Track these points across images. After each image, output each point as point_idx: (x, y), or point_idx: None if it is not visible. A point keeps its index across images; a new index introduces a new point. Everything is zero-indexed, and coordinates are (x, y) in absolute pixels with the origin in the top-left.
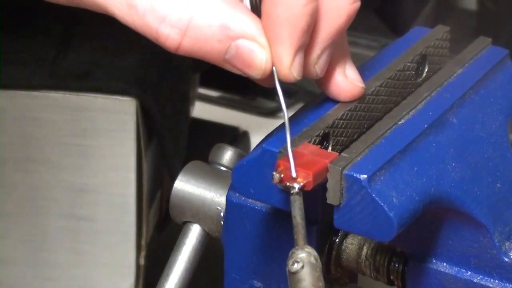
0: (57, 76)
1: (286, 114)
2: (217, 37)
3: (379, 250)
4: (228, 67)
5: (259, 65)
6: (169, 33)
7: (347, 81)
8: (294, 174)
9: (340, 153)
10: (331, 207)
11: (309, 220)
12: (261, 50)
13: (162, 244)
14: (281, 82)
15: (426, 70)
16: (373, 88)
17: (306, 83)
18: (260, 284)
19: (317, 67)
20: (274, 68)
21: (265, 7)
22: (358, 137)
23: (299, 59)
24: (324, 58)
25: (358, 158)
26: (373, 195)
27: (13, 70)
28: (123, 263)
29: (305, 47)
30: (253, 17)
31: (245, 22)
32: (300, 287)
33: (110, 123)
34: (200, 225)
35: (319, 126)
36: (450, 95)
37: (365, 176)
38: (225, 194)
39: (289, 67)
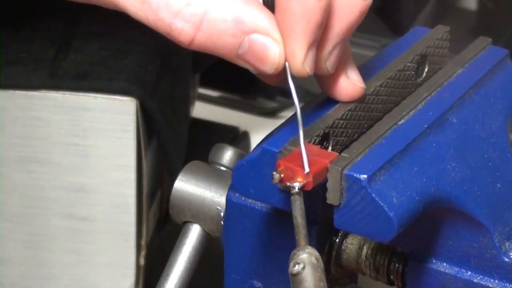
0: (57, 76)
1: (299, 109)
2: (231, 32)
3: (379, 250)
4: (240, 63)
5: (272, 60)
6: (183, 28)
7: (348, 82)
8: (307, 169)
9: (340, 153)
10: (331, 207)
11: (309, 220)
12: (275, 45)
13: (162, 244)
14: (287, 81)
15: (426, 70)
16: (373, 88)
17: (306, 83)
18: (260, 284)
19: (328, 63)
20: (286, 64)
21: (279, 2)
22: (358, 137)
23: (311, 54)
24: (335, 54)
25: (358, 158)
26: (373, 195)
27: (13, 70)
28: (123, 263)
29: (318, 42)
30: (266, 11)
31: (259, 16)
32: None
33: (110, 123)
34: (200, 225)
35: (319, 126)
36: (450, 95)
37: (365, 176)
38: (225, 194)
39: (302, 62)
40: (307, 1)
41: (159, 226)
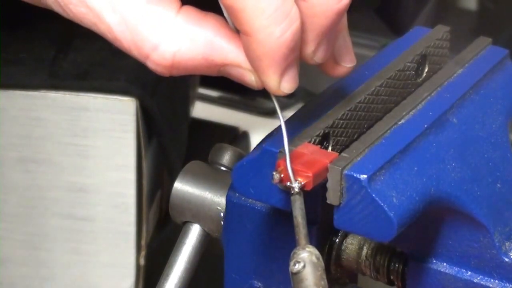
0: (57, 76)
1: (283, 120)
2: (203, 66)
3: (379, 250)
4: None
5: (250, 84)
6: (156, 68)
7: (335, 64)
8: (292, 180)
9: (340, 153)
10: (331, 207)
11: (309, 220)
12: (249, 73)
13: (162, 244)
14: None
15: (426, 70)
16: (373, 88)
17: (306, 83)
18: (260, 284)
19: (316, 58)
20: None
21: (242, 40)
22: (358, 137)
23: (287, 76)
24: (321, 49)
25: (358, 158)
26: (373, 195)
27: (13, 70)
28: (123, 263)
29: (295, 60)
30: (236, 40)
31: (228, 49)
32: (303, 287)
33: (110, 123)
34: (200, 225)
35: (319, 126)
36: (450, 95)
37: (365, 176)
38: (225, 194)
39: (277, 88)
40: (267, 40)
41: (159, 226)
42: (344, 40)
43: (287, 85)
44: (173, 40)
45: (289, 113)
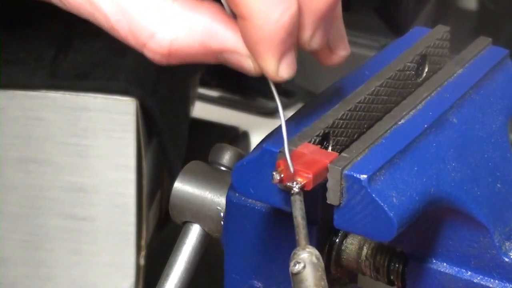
0: (57, 76)
1: (282, 112)
2: (201, 53)
3: (379, 250)
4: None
5: (249, 70)
6: (153, 57)
7: (330, 52)
8: (292, 170)
9: (340, 153)
10: (331, 207)
11: (309, 220)
12: (247, 59)
13: (162, 244)
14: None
15: (426, 70)
16: (373, 88)
17: (306, 83)
18: (260, 284)
19: (313, 43)
20: None
21: (239, 25)
22: (358, 137)
23: (286, 61)
24: (318, 34)
25: (358, 158)
26: (373, 195)
27: (13, 70)
28: (123, 263)
29: (293, 45)
30: (233, 26)
31: (225, 36)
32: (303, 287)
33: (110, 123)
34: (200, 225)
35: (319, 126)
36: (450, 95)
37: (365, 176)
38: (225, 194)
39: (275, 73)
40: (264, 25)
41: (159, 226)
42: (338, 29)
43: (285, 70)
44: (170, 27)
45: (289, 113)
